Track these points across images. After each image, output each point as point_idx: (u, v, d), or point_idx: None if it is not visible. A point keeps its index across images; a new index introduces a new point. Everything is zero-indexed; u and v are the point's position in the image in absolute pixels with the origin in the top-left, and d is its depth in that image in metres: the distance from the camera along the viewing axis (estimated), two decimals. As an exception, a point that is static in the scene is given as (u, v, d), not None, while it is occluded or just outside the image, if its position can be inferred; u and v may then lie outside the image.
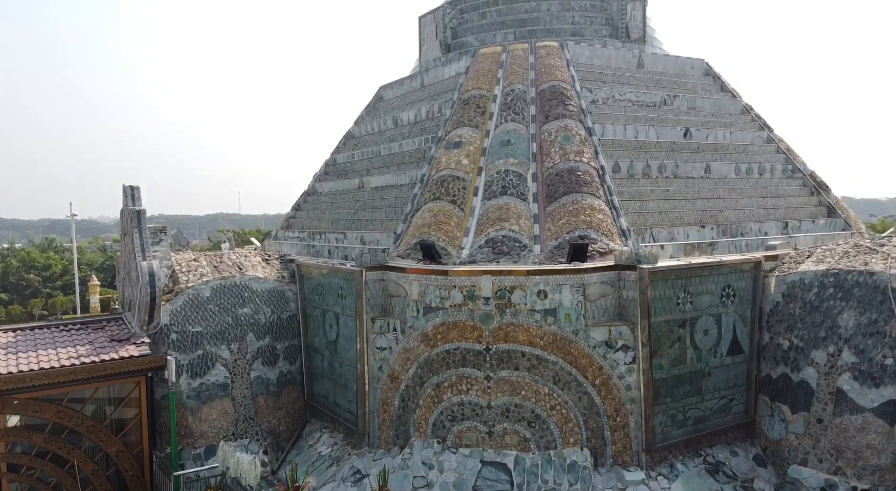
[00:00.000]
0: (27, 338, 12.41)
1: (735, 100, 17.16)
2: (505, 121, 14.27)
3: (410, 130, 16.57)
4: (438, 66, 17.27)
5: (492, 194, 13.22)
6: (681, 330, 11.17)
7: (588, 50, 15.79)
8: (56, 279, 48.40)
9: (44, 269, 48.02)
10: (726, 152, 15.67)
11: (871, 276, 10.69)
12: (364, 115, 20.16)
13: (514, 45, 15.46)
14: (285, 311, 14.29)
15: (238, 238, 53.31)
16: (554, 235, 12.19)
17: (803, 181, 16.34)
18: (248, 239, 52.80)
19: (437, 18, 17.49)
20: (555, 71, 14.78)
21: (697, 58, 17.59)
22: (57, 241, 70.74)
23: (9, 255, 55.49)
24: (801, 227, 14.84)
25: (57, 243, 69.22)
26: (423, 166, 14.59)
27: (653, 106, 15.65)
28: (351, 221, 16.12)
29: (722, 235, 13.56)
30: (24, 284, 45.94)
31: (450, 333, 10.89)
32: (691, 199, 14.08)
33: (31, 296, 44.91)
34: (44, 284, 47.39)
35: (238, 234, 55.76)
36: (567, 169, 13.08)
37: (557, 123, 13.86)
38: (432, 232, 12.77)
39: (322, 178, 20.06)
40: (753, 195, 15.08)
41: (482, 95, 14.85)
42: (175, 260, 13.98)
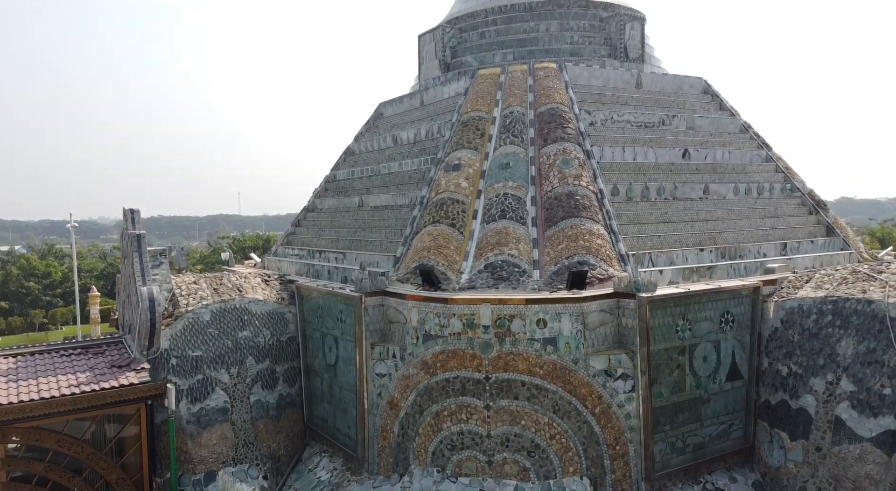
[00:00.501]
0: (27, 364, 12.43)
1: (734, 118, 17.21)
2: (504, 143, 14.31)
3: (410, 150, 16.60)
4: (438, 85, 17.31)
5: (491, 218, 13.25)
6: (680, 357, 11.21)
7: (587, 71, 15.84)
8: (56, 287, 48.46)
9: (44, 276, 48.08)
10: (725, 172, 15.71)
11: (869, 304, 10.73)
12: (364, 132, 20.20)
13: (512, 67, 15.50)
14: (285, 333, 14.31)
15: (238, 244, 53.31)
16: (553, 260, 12.22)
17: (802, 200, 16.39)
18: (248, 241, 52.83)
19: (436, 37, 17.53)
20: (553, 93, 14.82)
21: (696, 76, 17.64)
22: (57, 247, 70.74)
23: (9, 261, 55.54)
24: (799, 248, 14.87)
25: (57, 248, 69.24)
26: (422, 188, 14.62)
27: (651, 126, 15.69)
28: (350, 241, 16.14)
29: (721, 258, 13.58)
30: (25, 291, 45.99)
31: (449, 362, 10.91)
32: (690, 221, 14.11)
33: (32, 304, 44.98)
34: (44, 291, 47.45)
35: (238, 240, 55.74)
36: (566, 193, 13.12)
37: (556, 147, 13.90)
38: (432, 256, 12.80)
39: (322, 194, 20.10)
40: (752, 215, 15.12)
41: (481, 117, 14.89)
42: (175, 283, 14.00)
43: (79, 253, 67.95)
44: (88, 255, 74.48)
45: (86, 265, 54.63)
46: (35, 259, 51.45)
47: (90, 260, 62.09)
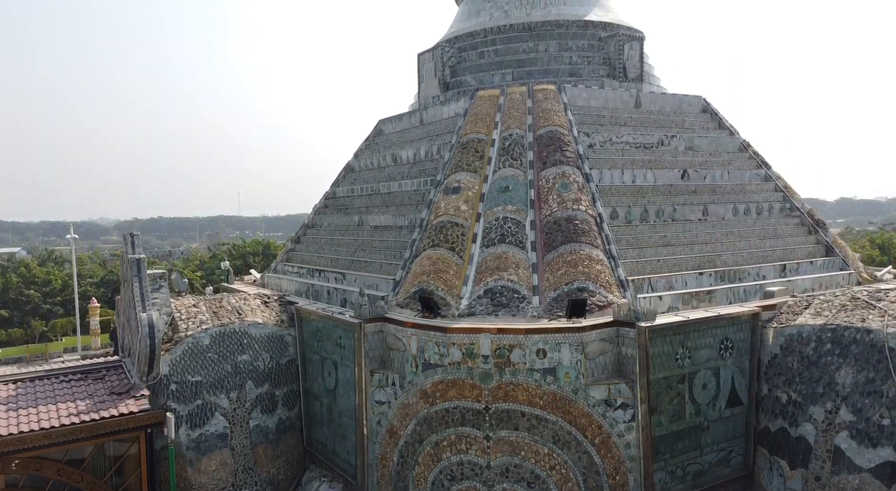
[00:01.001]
0: (28, 391, 12.42)
1: (733, 137, 17.23)
2: (503, 166, 14.32)
3: (410, 170, 16.62)
4: (437, 105, 17.33)
5: (490, 242, 13.26)
6: (680, 385, 11.21)
7: (585, 92, 15.86)
8: (56, 295, 48.43)
9: (44, 284, 48.05)
10: (724, 193, 15.74)
11: (868, 333, 10.74)
12: (363, 149, 20.22)
13: (511, 89, 15.51)
14: (284, 356, 14.32)
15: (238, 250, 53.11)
16: (553, 286, 12.22)
17: (801, 219, 16.41)
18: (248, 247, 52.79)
19: (435, 57, 17.56)
20: (552, 115, 14.84)
21: (694, 95, 17.67)
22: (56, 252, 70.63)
23: (9, 268, 55.47)
24: (798, 269, 14.88)
25: (56, 254, 69.14)
26: (422, 210, 14.63)
27: (650, 147, 15.71)
28: (350, 262, 16.15)
29: (720, 281, 13.59)
30: (25, 299, 45.97)
31: (449, 391, 10.92)
32: (689, 244, 14.13)
33: (32, 312, 44.94)
34: (44, 299, 47.43)
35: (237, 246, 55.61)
36: (565, 217, 13.13)
37: (555, 170, 13.91)
38: (431, 281, 12.80)
39: (322, 211, 20.12)
40: (751, 236, 15.14)
41: (480, 140, 14.90)
42: (174, 307, 14.00)
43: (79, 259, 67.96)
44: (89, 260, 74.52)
45: (86, 270, 54.68)
46: (35, 266, 51.43)
47: (90, 266, 62.02)
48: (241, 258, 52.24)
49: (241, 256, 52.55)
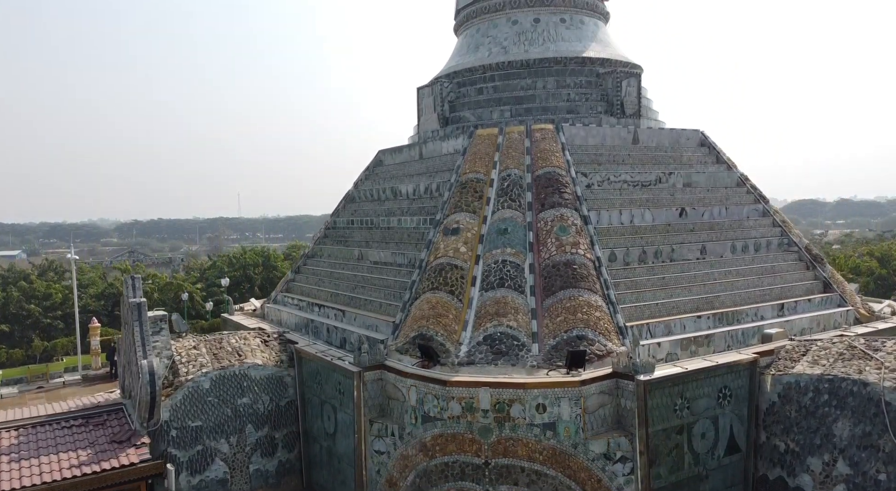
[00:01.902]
0: (29, 439, 12.46)
1: (730, 172, 17.30)
2: (502, 207, 14.38)
3: (409, 206, 16.68)
4: (436, 140, 17.40)
5: (490, 286, 13.32)
6: (678, 436, 11.26)
7: (583, 130, 15.93)
8: (56, 309, 48.44)
9: (44, 297, 48.07)
10: (722, 230, 15.80)
11: (864, 386, 10.80)
12: (363, 179, 20.30)
13: (509, 128, 15.56)
14: (284, 397, 14.37)
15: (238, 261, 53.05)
16: (552, 333, 12.28)
17: (799, 255, 16.47)
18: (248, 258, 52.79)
19: (434, 92, 17.62)
20: (550, 156, 14.91)
21: (692, 129, 17.75)
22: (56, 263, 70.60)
23: (9, 279, 55.52)
24: (796, 308, 14.93)
25: (57, 264, 69.15)
26: (421, 250, 14.69)
27: (648, 185, 15.78)
28: (350, 298, 16.20)
29: (718, 323, 13.63)
30: (25, 314, 45.99)
31: (448, 445, 10.97)
32: (687, 285, 14.18)
33: (32, 326, 44.95)
34: (44, 314, 47.45)
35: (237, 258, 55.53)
36: (564, 262, 13.19)
37: (553, 212, 13.98)
38: (430, 326, 12.86)
39: (322, 241, 20.20)
40: (749, 274, 15.19)
41: (479, 180, 14.97)
42: (175, 349, 14.05)
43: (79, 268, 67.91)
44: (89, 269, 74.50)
45: (86, 279, 54.79)
46: (35, 279, 51.43)
47: (90, 274, 62.05)
48: (241, 269, 52.24)
49: (241, 267, 52.52)
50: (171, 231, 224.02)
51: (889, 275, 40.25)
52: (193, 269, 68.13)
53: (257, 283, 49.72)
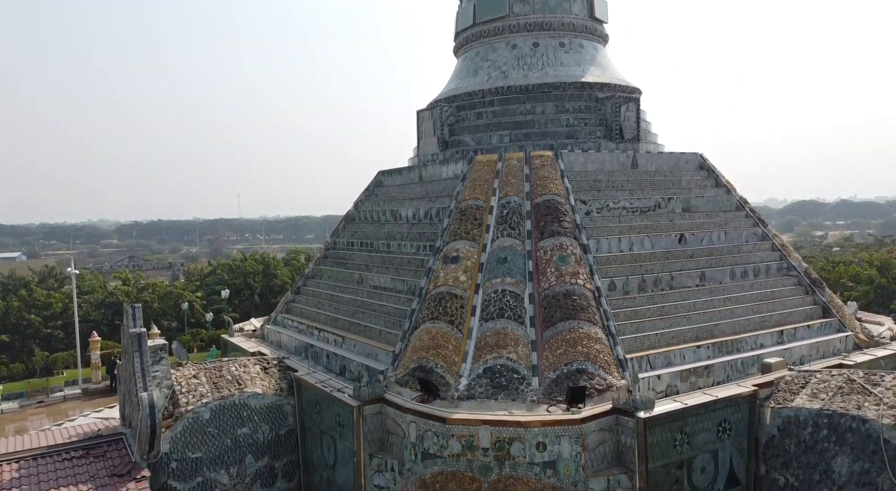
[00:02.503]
0: (30, 471, 12.46)
1: (729, 195, 17.33)
2: (501, 235, 14.41)
3: (409, 231, 16.69)
4: (436, 163, 17.41)
5: (489, 316, 13.33)
6: (678, 471, 11.28)
7: (582, 156, 15.95)
8: (57, 318, 48.48)
9: (44, 307, 48.11)
10: (721, 255, 15.83)
11: (864, 423, 10.82)
12: (363, 200, 20.34)
13: (509, 155, 15.57)
14: (283, 426, 14.39)
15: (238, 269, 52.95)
16: (552, 366, 12.30)
17: (798, 279, 16.48)
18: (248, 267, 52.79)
19: (434, 116, 17.64)
20: (549, 183, 14.93)
21: (692, 152, 17.78)
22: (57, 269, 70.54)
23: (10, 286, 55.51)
24: (796, 335, 14.95)
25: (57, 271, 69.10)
26: (421, 277, 14.71)
27: (647, 211, 15.80)
28: (350, 323, 16.22)
29: (718, 353, 13.65)
30: (26, 324, 46.03)
31: (448, 484, 10.98)
32: (686, 313, 14.20)
33: (32, 336, 44.97)
34: (44, 323, 47.49)
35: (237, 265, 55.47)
36: (563, 292, 13.21)
37: (553, 241, 14.00)
38: (430, 357, 12.88)
39: (322, 261, 20.22)
40: (748, 300, 15.20)
41: (479, 207, 14.99)
42: (175, 378, 14.06)
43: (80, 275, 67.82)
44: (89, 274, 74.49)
45: (86, 285, 54.84)
46: (36, 287, 51.43)
47: (89, 279, 62.01)
48: (240, 276, 52.26)
49: (241, 275, 52.51)
50: (171, 232, 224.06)
51: (889, 283, 40.28)
52: (193, 274, 68.19)
53: (257, 291, 49.79)
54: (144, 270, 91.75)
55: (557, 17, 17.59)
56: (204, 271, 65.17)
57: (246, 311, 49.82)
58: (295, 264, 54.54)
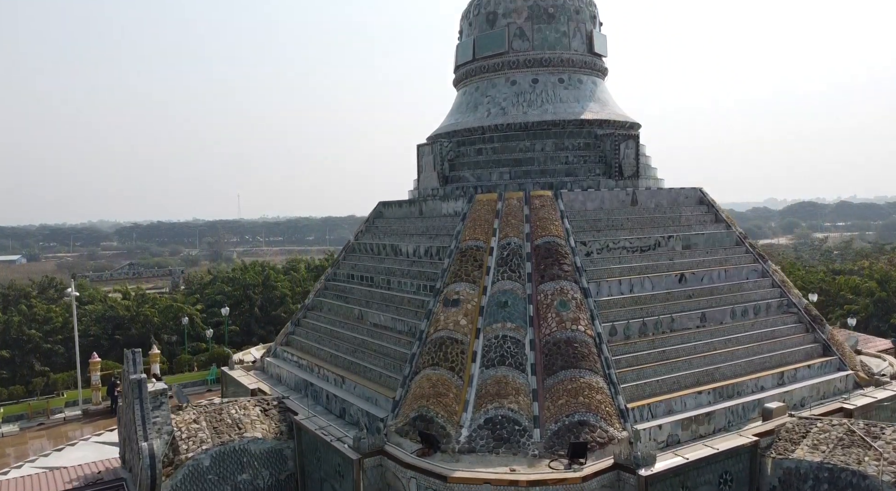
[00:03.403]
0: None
1: (729, 231, 17.31)
2: (502, 278, 14.39)
3: (409, 269, 16.66)
4: (436, 199, 17.38)
5: (490, 363, 13.31)
6: (679, 526, 11.27)
7: (582, 195, 15.92)
8: (56, 333, 48.46)
9: (45, 321, 48.08)
10: (721, 294, 15.80)
11: (864, 478, 10.83)
12: (364, 231, 20.32)
13: (509, 194, 15.55)
14: (284, 470, 14.36)
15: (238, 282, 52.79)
16: (553, 417, 12.28)
17: (798, 316, 16.46)
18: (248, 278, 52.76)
19: (435, 151, 17.60)
20: (549, 225, 14.91)
21: (691, 187, 17.75)
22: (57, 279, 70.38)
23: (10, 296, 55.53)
24: (796, 376, 14.94)
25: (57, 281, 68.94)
26: (421, 319, 14.68)
27: (647, 250, 15.78)
28: (350, 362, 16.20)
29: (718, 398, 13.64)
30: (26, 339, 46.01)
31: (450, 542, 10.97)
32: (687, 357, 14.18)
33: (32, 351, 44.93)
34: (45, 338, 47.48)
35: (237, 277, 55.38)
36: (564, 339, 13.19)
37: (553, 285, 13.98)
38: (431, 406, 12.86)
39: (322, 293, 20.19)
40: (749, 341, 15.18)
41: (479, 247, 14.97)
42: (175, 424, 14.04)
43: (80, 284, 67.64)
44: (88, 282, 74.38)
45: (86, 295, 54.80)
46: (36, 301, 51.39)
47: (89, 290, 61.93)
48: (241, 289, 52.19)
49: (241, 287, 52.43)
50: (171, 235, 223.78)
51: (889, 297, 40.23)
52: (193, 281, 68.12)
53: (257, 303, 49.72)
54: (144, 277, 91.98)
55: (557, 54, 17.57)
56: (204, 280, 65.08)
57: (246, 323, 49.78)
58: (295, 276, 54.48)
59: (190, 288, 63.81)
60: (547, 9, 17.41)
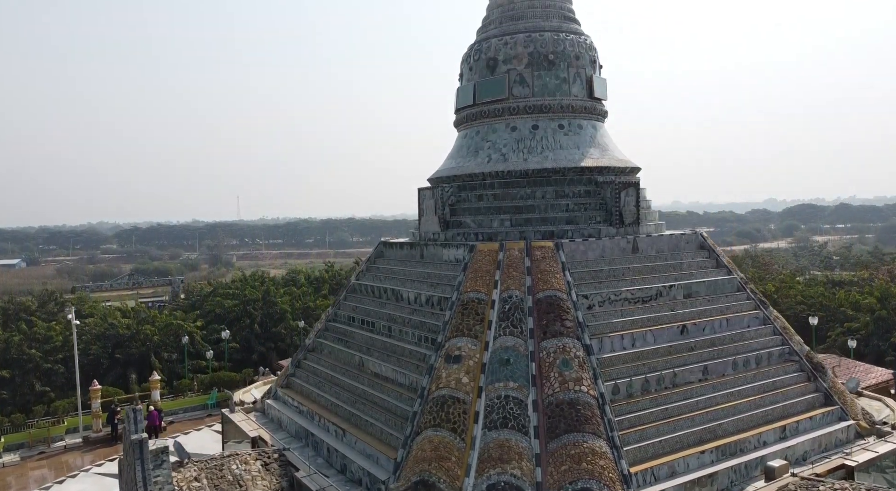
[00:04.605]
0: None
1: (731, 278, 17.29)
2: (503, 333, 14.36)
3: (410, 317, 16.62)
4: (438, 245, 17.37)
5: (493, 424, 13.27)
6: None
7: (583, 244, 15.90)
8: (57, 351, 48.45)
9: (45, 340, 48.06)
10: (723, 345, 15.79)
11: (869, 553, 10.81)
12: (365, 271, 20.31)
13: (510, 244, 15.52)
14: (287, 528, 14.35)
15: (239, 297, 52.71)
16: (556, 484, 12.25)
17: (800, 364, 16.44)
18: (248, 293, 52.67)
19: (436, 195, 17.58)
20: (550, 277, 14.88)
21: (691, 232, 17.74)
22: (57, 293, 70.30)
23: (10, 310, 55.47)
24: (798, 429, 14.92)
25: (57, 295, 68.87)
26: (423, 374, 14.65)
27: (648, 300, 15.76)
28: (350, 414, 16.16)
29: (721, 457, 13.61)
30: (26, 358, 46.00)
31: None
32: (689, 414, 14.15)
33: (33, 370, 44.90)
34: (45, 358, 47.47)
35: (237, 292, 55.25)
36: (567, 401, 13.16)
37: (555, 342, 13.95)
38: (433, 470, 12.83)
39: (323, 334, 20.16)
40: (751, 394, 15.16)
41: (480, 300, 14.94)
42: (176, 482, 14.02)
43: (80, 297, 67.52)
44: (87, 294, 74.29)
45: (86, 307, 54.71)
46: (37, 320, 51.35)
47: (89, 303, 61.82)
48: (240, 305, 52.15)
49: (241, 303, 52.39)
50: (171, 237, 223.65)
51: (889, 315, 40.22)
52: (193, 292, 68.11)
53: (257, 319, 49.67)
54: (145, 287, 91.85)
55: (557, 100, 17.54)
56: (204, 291, 65.03)
57: (246, 339, 49.81)
58: (295, 291, 54.49)
59: (190, 298, 63.83)
60: (547, 55, 17.37)
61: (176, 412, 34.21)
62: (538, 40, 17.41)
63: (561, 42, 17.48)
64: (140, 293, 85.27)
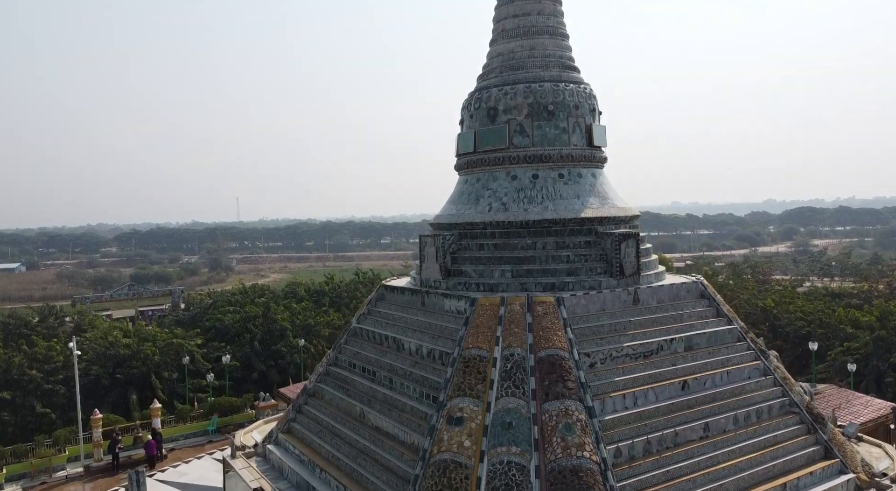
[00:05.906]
0: None
1: (731, 327, 17.32)
2: (505, 394, 14.37)
3: (412, 370, 16.62)
4: (439, 295, 17.38)
5: None
6: None
7: (584, 298, 15.92)
8: (57, 372, 48.47)
9: (45, 361, 48.07)
10: (724, 399, 15.81)
11: None
12: (366, 314, 20.33)
13: (511, 299, 15.55)
14: None
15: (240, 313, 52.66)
16: (557, 554, 12.29)
17: (800, 417, 16.47)
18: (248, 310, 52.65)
19: (437, 243, 17.60)
20: (552, 335, 14.91)
21: (691, 281, 17.76)
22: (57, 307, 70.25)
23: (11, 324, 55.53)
24: (798, 485, 14.96)
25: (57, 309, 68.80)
26: (424, 435, 14.66)
27: (650, 355, 15.79)
28: (351, 469, 16.19)
29: (723, 519, 13.68)
30: (27, 379, 46.03)
31: None
32: (691, 475, 14.17)
33: (33, 391, 44.91)
34: (45, 378, 47.49)
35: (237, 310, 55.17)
36: (570, 468, 13.18)
37: (558, 405, 13.98)
38: (436, 537, 12.86)
39: (324, 379, 20.17)
40: (752, 450, 15.18)
41: (482, 357, 14.96)
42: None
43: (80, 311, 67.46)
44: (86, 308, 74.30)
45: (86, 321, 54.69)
46: (37, 340, 51.33)
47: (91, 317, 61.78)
48: (241, 322, 52.16)
49: (241, 320, 52.40)
50: (170, 240, 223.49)
51: (888, 335, 40.25)
52: (193, 304, 68.16)
53: (257, 337, 49.69)
54: (145, 297, 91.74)
55: (556, 150, 17.56)
56: (204, 303, 65.04)
57: (246, 357, 49.87)
58: (295, 307, 54.54)
59: (190, 310, 63.86)
60: (547, 106, 17.39)
61: (176, 439, 34.22)
62: (538, 91, 17.43)
63: (560, 92, 17.50)
64: (140, 303, 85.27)
